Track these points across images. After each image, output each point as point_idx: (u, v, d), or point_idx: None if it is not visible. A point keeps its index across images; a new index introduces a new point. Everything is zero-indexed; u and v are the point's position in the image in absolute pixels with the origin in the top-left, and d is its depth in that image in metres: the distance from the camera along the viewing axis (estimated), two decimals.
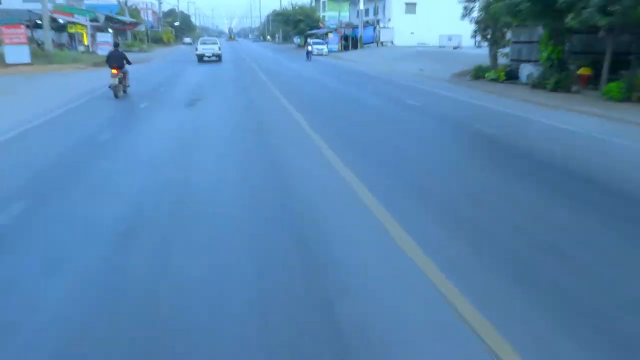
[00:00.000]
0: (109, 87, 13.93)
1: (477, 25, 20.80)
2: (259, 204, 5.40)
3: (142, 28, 51.10)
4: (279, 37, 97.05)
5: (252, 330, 3.06)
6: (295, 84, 19.83)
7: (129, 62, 14.65)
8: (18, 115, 10.88)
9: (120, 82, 14.22)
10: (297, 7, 67.73)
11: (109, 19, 38.98)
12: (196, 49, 32.62)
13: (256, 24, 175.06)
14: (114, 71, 13.98)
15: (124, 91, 14.90)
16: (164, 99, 14.67)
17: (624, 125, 10.53)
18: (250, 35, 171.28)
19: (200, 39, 39.10)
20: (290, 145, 8.55)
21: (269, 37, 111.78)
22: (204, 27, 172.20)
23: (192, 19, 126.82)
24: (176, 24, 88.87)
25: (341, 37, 50.69)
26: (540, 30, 16.56)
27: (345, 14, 62.40)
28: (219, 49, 32.42)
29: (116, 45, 14.63)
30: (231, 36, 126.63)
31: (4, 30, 22.68)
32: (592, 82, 14.86)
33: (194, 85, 18.46)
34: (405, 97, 15.14)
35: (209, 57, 31.54)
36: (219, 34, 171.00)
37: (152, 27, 66.42)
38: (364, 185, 5.86)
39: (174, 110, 12.44)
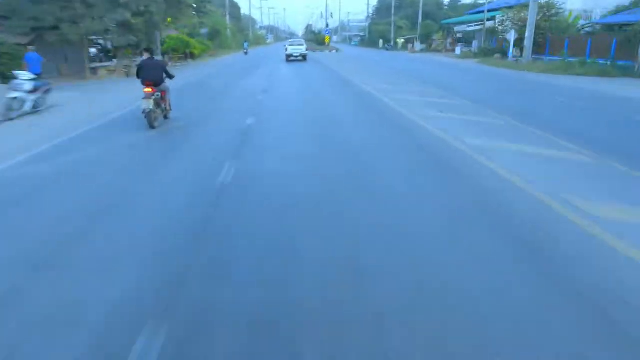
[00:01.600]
0: (143, 112, 9.32)
1: None
2: None
3: None
4: (390, 42, 61.28)
5: None
6: None
7: (170, 76, 10.04)
8: None
9: (157, 104, 9.62)
10: None
11: None
12: (285, 49, 36.10)
13: (333, 24, 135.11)
14: (148, 89, 9.37)
15: (165, 116, 10.31)
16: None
17: None
18: (335, 38, 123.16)
19: (289, 40, 46.52)
20: None
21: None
22: (272, 27, 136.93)
23: (246, 11, 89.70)
24: None
25: None
26: None
27: None
28: (306, 49, 36.06)
29: (150, 51, 10.11)
30: (325, 38, 65.91)
31: None
32: None
33: None
34: None
35: (296, 57, 35.01)
36: (290, 35, 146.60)
37: None
38: None
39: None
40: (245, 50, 49.08)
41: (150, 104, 9.19)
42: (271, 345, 2.84)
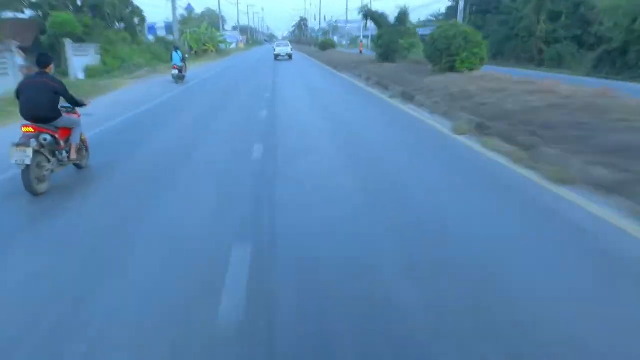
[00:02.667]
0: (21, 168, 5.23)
1: None
2: None
3: None
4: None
5: None
6: None
7: (76, 104, 6.03)
8: None
9: (51, 154, 5.57)
10: None
11: None
12: (274, 49, 41.71)
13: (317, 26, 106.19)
14: (29, 129, 5.36)
15: (79, 166, 6.32)
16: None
17: None
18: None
19: (276, 42, 53.62)
20: None
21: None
22: (246, 28, 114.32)
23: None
24: None
25: None
26: None
27: None
28: (291, 49, 41.50)
29: (42, 64, 6.10)
30: None
31: None
32: None
33: None
34: None
35: (283, 56, 39.50)
36: (270, 37, 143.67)
37: None
38: None
39: None
40: (178, 69, 19.46)
41: (25, 156, 5.09)
42: None
